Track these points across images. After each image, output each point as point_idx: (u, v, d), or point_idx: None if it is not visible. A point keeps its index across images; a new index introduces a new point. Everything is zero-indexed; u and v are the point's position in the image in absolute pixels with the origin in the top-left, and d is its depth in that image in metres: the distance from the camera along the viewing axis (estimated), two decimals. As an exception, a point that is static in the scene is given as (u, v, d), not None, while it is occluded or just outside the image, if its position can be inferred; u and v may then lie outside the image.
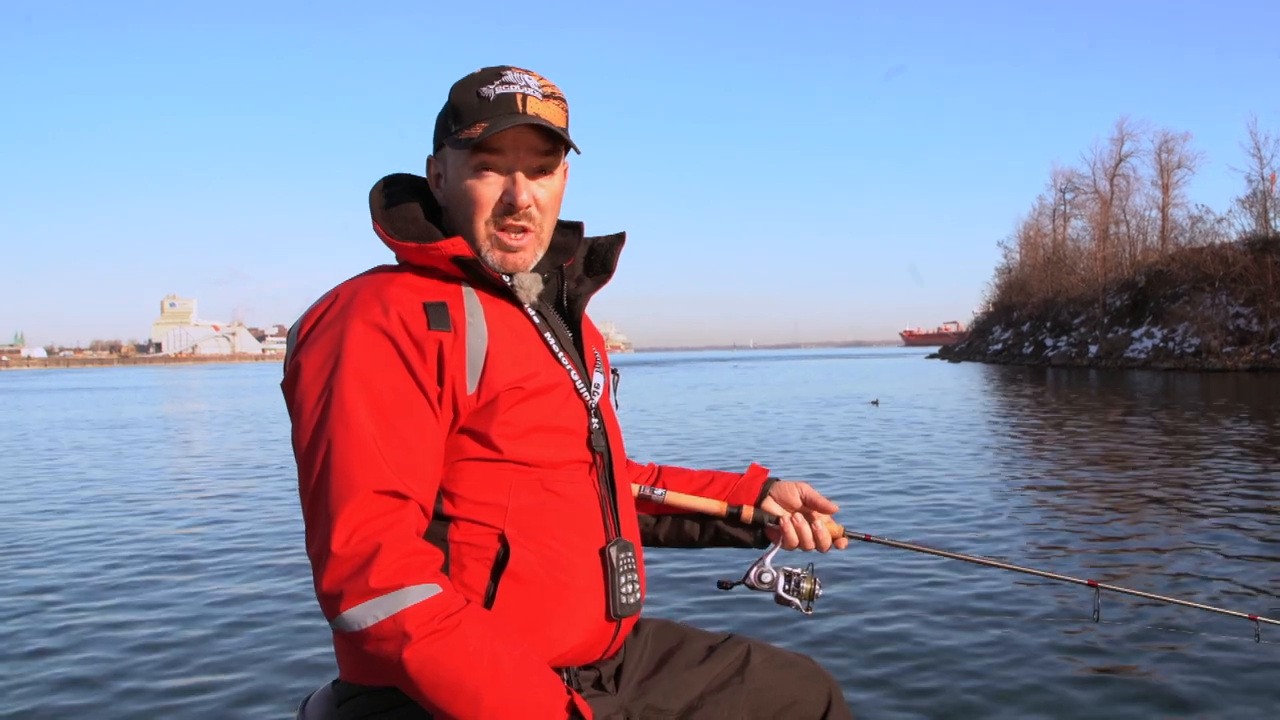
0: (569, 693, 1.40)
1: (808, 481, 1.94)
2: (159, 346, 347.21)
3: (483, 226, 1.55)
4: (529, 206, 1.54)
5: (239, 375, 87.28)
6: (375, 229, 1.57)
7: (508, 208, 1.54)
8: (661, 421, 20.82)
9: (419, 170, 1.67)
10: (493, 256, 1.55)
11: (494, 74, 1.53)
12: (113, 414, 28.27)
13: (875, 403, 24.08)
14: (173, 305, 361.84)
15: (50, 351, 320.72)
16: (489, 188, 1.53)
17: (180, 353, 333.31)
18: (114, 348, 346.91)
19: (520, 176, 1.53)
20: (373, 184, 1.62)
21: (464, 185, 1.54)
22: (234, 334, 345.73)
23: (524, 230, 1.56)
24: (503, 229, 1.55)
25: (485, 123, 1.49)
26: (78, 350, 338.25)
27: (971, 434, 16.21)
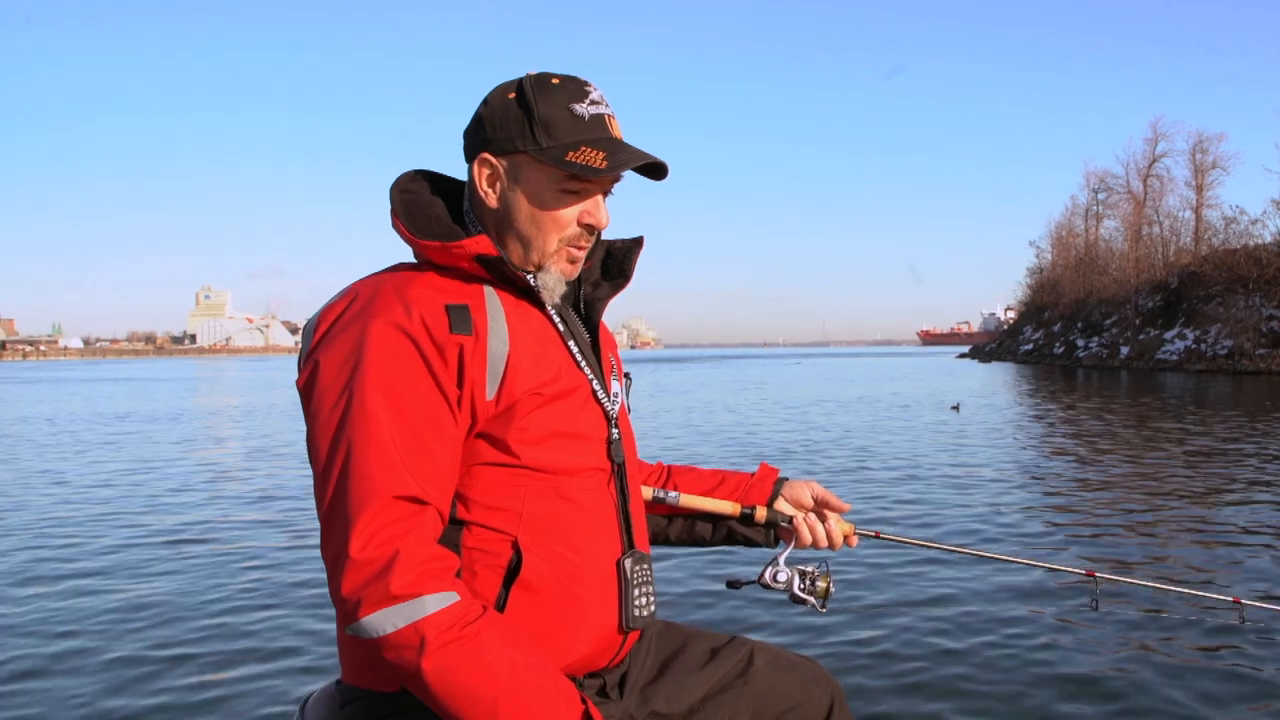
0: (584, 701, 1.40)
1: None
2: (194, 338, 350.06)
3: (556, 242, 1.55)
4: (606, 227, 1.59)
5: (273, 367, 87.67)
6: (395, 225, 1.54)
7: (589, 229, 1.56)
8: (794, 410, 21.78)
9: (428, 166, 1.67)
10: (558, 268, 1.56)
11: (578, 89, 1.52)
12: (160, 405, 28.23)
13: (955, 408, 22.50)
14: (207, 298, 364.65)
15: (87, 342, 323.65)
16: (573, 208, 1.54)
17: (215, 344, 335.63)
18: (150, 339, 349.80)
19: (600, 199, 1.56)
20: (393, 179, 1.61)
21: (543, 200, 1.52)
22: (268, 326, 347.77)
23: (589, 245, 1.60)
24: (575, 244, 1.56)
25: (597, 149, 1.49)
26: (114, 341, 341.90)
27: (1049, 437, 16.05)
